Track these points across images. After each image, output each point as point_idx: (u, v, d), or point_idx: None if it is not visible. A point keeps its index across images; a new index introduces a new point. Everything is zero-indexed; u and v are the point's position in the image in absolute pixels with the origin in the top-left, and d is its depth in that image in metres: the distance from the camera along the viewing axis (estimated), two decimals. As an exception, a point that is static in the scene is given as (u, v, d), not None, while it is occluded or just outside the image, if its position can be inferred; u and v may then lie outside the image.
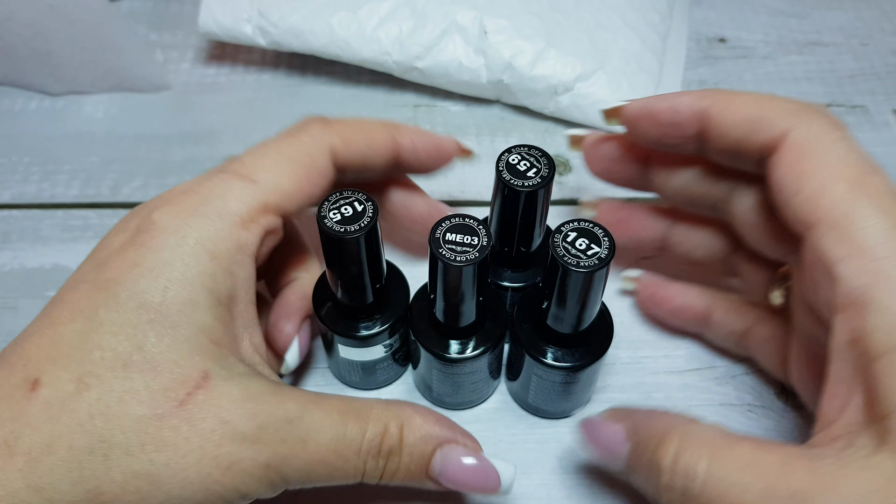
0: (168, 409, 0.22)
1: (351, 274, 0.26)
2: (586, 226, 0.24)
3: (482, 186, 0.41)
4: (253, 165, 0.26)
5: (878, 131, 0.43)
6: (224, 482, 0.22)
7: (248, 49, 0.48)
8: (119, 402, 0.22)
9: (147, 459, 0.21)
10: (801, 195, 0.23)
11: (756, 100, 0.25)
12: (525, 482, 0.30)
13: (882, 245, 0.20)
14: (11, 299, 0.37)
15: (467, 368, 0.29)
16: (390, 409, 0.25)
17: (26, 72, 0.45)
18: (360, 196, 0.25)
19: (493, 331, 0.29)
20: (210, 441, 0.22)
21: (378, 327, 0.29)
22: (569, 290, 0.25)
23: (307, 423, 0.23)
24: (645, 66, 0.43)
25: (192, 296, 0.24)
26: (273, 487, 0.23)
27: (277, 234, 0.27)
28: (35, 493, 0.21)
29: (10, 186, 0.41)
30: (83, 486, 0.21)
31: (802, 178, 0.23)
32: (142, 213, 0.26)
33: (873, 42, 0.49)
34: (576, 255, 0.24)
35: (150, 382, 0.22)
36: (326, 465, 0.23)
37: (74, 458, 0.21)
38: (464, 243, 0.24)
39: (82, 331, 0.23)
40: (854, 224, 0.21)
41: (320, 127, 0.28)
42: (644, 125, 0.28)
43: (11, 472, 0.21)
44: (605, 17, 0.44)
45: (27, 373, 0.22)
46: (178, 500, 0.22)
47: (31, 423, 0.21)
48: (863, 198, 0.21)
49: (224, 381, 0.23)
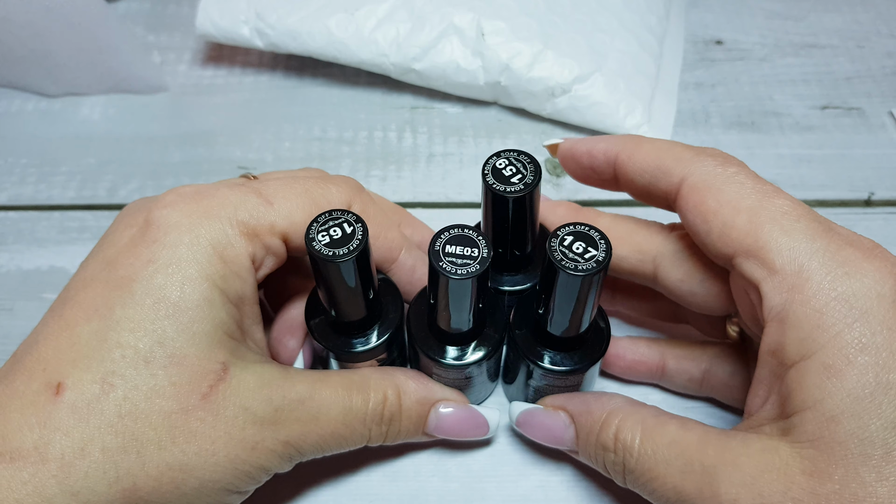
0: (194, 402, 0.23)
1: (342, 295, 0.26)
2: (583, 229, 0.24)
3: (479, 189, 0.41)
4: (274, 190, 0.26)
5: (875, 133, 0.43)
6: (251, 461, 0.24)
7: (246, 51, 0.48)
8: (146, 400, 0.22)
9: (179, 451, 0.23)
10: (712, 234, 0.24)
11: (657, 149, 0.27)
12: (523, 484, 0.30)
13: (790, 263, 0.22)
14: (8, 301, 0.37)
15: (466, 373, 0.29)
16: (385, 378, 0.27)
17: (24, 73, 0.44)
18: (349, 217, 0.25)
19: (492, 335, 0.29)
20: (235, 427, 0.24)
21: (373, 342, 0.28)
22: (566, 294, 0.25)
23: (317, 400, 0.25)
24: (641, 68, 0.43)
25: (207, 293, 0.24)
26: (291, 461, 0.26)
27: (279, 258, 0.27)
28: (71, 497, 0.21)
29: (6, 188, 0.41)
30: (119, 484, 0.22)
31: (708, 218, 0.24)
32: (145, 208, 0.26)
33: (869, 44, 0.49)
34: (573, 258, 0.24)
35: (173, 378, 0.23)
36: (337, 436, 0.26)
37: (109, 458, 0.22)
38: (464, 255, 0.24)
39: (100, 330, 0.23)
40: (763, 249, 0.23)
41: (351, 188, 0.28)
42: (569, 165, 0.30)
43: (46, 478, 0.21)
44: (602, 20, 0.44)
45: (48, 377, 0.22)
46: (210, 482, 0.23)
47: (61, 428, 0.21)
48: (766, 223, 0.23)
49: (241, 370, 0.24)
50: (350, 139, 0.44)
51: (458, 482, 0.30)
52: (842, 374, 0.20)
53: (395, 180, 0.42)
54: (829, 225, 0.23)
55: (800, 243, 0.22)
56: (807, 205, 0.24)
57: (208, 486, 0.23)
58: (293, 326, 0.29)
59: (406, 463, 0.31)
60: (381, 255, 0.28)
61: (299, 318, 0.29)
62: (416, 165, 0.42)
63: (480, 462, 0.31)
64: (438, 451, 0.31)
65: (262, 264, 0.26)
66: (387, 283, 0.30)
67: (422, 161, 0.43)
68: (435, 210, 0.40)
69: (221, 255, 0.25)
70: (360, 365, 0.29)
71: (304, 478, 0.30)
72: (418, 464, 0.31)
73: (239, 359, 0.25)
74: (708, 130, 0.44)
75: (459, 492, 0.30)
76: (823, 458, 0.20)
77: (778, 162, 0.42)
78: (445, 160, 0.43)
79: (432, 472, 0.31)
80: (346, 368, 0.29)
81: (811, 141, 0.43)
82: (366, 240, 0.24)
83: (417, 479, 0.30)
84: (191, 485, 0.23)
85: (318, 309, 0.29)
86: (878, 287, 0.21)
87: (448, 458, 0.31)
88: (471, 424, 0.29)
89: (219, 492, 0.24)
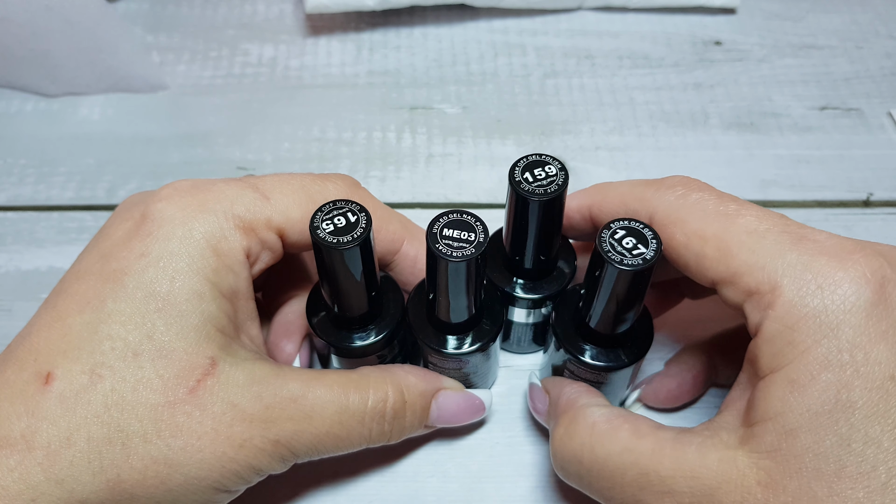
0: (180, 396, 0.23)
1: (346, 285, 0.26)
2: (637, 226, 0.24)
3: (479, 189, 0.41)
4: (272, 186, 0.26)
5: (874, 134, 0.43)
6: (238, 459, 0.24)
7: (245, 51, 0.48)
8: (133, 392, 0.22)
9: (164, 445, 0.22)
10: (690, 267, 0.24)
11: (621, 195, 0.27)
12: (522, 485, 0.30)
13: (763, 283, 0.22)
14: (7, 302, 0.37)
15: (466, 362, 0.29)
16: (385, 375, 0.27)
17: (23, 73, 0.44)
18: (353, 206, 0.25)
19: (489, 325, 0.29)
20: (222, 423, 0.23)
21: (373, 337, 0.28)
22: (613, 289, 0.25)
23: (311, 399, 0.25)
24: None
25: (198, 287, 0.24)
26: (284, 462, 0.25)
27: (275, 253, 0.27)
28: (56, 485, 0.21)
29: (5, 188, 0.41)
30: (104, 475, 0.22)
31: (680, 252, 0.24)
32: (143, 202, 0.26)
33: (868, 45, 0.49)
34: (621, 252, 0.24)
35: (161, 371, 0.23)
36: (332, 437, 0.25)
37: (94, 449, 0.22)
38: (461, 239, 0.24)
39: (91, 322, 0.23)
40: (735, 275, 0.23)
41: (348, 185, 0.28)
42: None
43: (31, 465, 0.21)
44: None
45: (38, 367, 0.23)
46: (195, 479, 0.23)
47: (48, 417, 0.22)
48: (732, 247, 0.23)
49: (231, 366, 0.24)
50: (349, 140, 0.44)
51: (457, 483, 0.30)
52: (804, 390, 0.21)
53: (395, 181, 0.42)
54: (801, 233, 0.23)
55: (769, 261, 0.22)
56: (777, 212, 0.24)
57: (194, 483, 0.23)
58: (290, 329, 0.30)
59: (405, 463, 0.31)
60: (384, 247, 0.29)
61: (296, 320, 0.30)
62: (416, 166, 0.42)
63: (479, 462, 0.31)
64: (437, 451, 0.31)
65: (258, 259, 0.26)
66: (388, 279, 0.30)
67: (421, 161, 0.43)
68: (434, 210, 0.40)
69: (215, 248, 0.25)
70: (361, 361, 0.29)
71: (302, 478, 0.30)
72: (417, 464, 0.31)
73: (230, 354, 0.24)
74: (707, 131, 0.44)
75: (458, 492, 0.30)
76: (779, 470, 0.21)
77: (777, 163, 0.42)
78: (445, 161, 0.43)
79: (431, 473, 0.31)
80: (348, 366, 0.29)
81: (810, 142, 0.43)
82: (370, 227, 0.24)
83: (416, 480, 0.31)
84: (176, 480, 0.23)
85: (319, 305, 0.29)
86: (852, 298, 0.21)
87: (447, 458, 0.31)
88: (469, 409, 0.30)
89: (206, 489, 0.24)
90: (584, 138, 0.43)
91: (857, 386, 0.20)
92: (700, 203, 0.24)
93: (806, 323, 0.21)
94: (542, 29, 0.50)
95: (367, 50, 0.49)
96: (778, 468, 0.21)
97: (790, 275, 0.22)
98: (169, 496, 0.23)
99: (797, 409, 0.21)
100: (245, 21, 0.51)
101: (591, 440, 0.24)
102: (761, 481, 0.21)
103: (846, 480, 0.20)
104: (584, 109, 0.45)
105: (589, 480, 0.24)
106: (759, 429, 0.21)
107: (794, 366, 0.21)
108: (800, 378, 0.21)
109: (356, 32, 0.50)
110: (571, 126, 0.44)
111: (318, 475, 0.30)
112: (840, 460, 0.20)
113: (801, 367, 0.21)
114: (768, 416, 0.21)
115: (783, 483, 0.20)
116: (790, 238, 0.23)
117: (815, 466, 0.20)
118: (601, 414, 0.25)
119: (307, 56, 0.48)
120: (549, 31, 0.50)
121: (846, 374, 0.20)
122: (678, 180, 0.26)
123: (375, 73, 0.47)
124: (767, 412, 0.21)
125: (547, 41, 0.49)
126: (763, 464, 0.21)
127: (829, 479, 0.20)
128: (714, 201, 0.24)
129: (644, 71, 0.47)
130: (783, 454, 0.21)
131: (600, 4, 0.51)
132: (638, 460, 0.23)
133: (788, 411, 0.21)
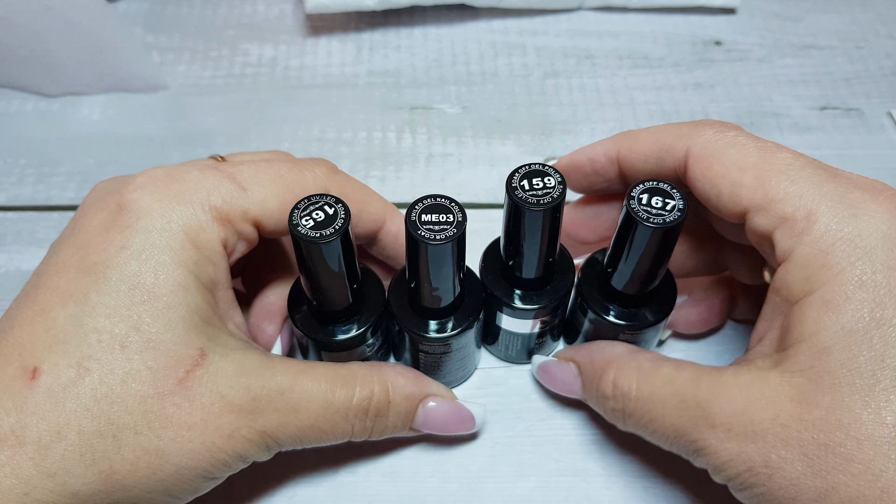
0: (170, 388, 0.23)
1: (328, 279, 0.26)
2: (654, 184, 0.25)
3: (479, 189, 0.41)
4: (249, 176, 0.26)
5: (874, 134, 0.43)
6: (226, 449, 0.24)
7: (245, 51, 0.48)
8: (122, 384, 0.23)
9: (155, 436, 0.23)
10: (722, 196, 0.25)
11: (655, 132, 0.27)
12: (522, 485, 0.30)
13: (799, 210, 0.23)
14: (7, 302, 0.36)
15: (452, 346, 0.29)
16: (374, 373, 0.27)
17: (23, 73, 0.44)
18: (329, 199, 0.25)
19: (472, 306, 0.29)
20: (211, 414, 0.23)
21: (355, 330, 0.29)
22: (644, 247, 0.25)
23: (298, 392, 0.25)
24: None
25: (182, 279, 0.24)
26: (269, 451, 0.26)
27: (250, 243, 0.27)
28: (48, 478, 0.21)
29: (5, 188, 0.41)
30: (96, 467, 0.22)
31: (716, 182, 0.25)
32: (116, 190, 0.26)
33: (868, 45, 0.49)
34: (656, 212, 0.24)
35: (149, 362, 0.23)
36: (317, 430, 0.26)
37: (85, 442, 0.22)
38: (441, 222, 0.24)
39: (75, 315, 0.23)
40: (772, 201, 0.23)
41: (325, 171, 0.28)
42: (572, 177, 0.30)
43: (23, 460, 0.21)
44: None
45: (24, 361, 0.23)
46: (185, 469, 0.23)
47: (37, 412, 0.22)
48: (772, 177, 0.24)
49: (220, 357, 0.24)
50: (349, 140, 0.44)
51: (457, 483, 0.30)
52: (838, 309, 0.21)
53: (395, 181, 0.42)
54: (835, 171, 0.24)
55: (807, 190, 0.23)
56: None
57: (184, 473, 0.23)
58: (271, 312, 0.30)
59: (405, 464, 0.31)
60: (367, 226, 0.29)
61: (277, 303, 0.30)
62: (416, 166, 0.42)
63: (479, 463, 0.31)
64: (437, 451, 0.31)
65: (234, 250, 0.27)
66: (368, 272, 0.30)
67: (421, 162, 0.43)
68: (434, 210, 0.40)
69: (194, 240, 0.25)
70: (344, 355, 0.29)
71: (301, 478, 0.30)
72: (417, 464, 0.31)
73: (218, 345, 0.25)
74: (707, 131, 0.44)
75: (458, 492, 0.30)
76: (812, 387, 0.21)
77: (777, 163, 0.42)
78: (444, 161, 0.43)
79: (431, 473, 0.31)
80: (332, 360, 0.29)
81: (810, 141, 0.43)
82: (348, 219, 0.24)
83: (416, 480, 0.31)
84: (167, 470, 0.23)
85: (300, 300, 0.29)
86: (885, 227, 0.22)
87: (447, 458, 0.31)
88: (457, 420, 0.30)
89: (195, 478, 0.24)
90: (585, 138, 0.43)
91: (890, 304, 0.21)
92: (738, 139, 0.25)
93: (841, 246, 0.22)
94: (542, 29, 0.50)
95: (367, 50, 0.49)
96: (811, 385, 0.21)
97: (826, 203, 0.22)
98: (160, 486, 0.23)
99: (831, 328, 0.21)
100: (245, 21, 0.51)
101: (638, 380, 0.26)
102: (794, 398, 0.21)
103: (881, 393, 0.20)
104: (584, 109, 0.45)
105: (636, 418, 0.26)
106: (793, 350, 0.22)
107: (828, 287, 0.22)
108: (834, 298, 0.21)
109: (356, 32, 0.50)
110: (571, 126, 0.44)
111: (319, 474, 0.31)
112: (874, 374, 0.20)
113: (835, 288, 0.21)
114: (802, 338, 0.22)
115: (816, 399, 0.21)
116: (826, 173, 0.24)
117: (850, 381, 0.21)
118: (646, 357, 0.26)
119: (307, 56, 0.49)
120: (549, 31, 0.50)
121: (880, 293, 0.21)
122: (714, 121, 0.26)
123: (375, 73, 0.48)
124: (802, 334, 0.22)
125: (547, 41, 0.49)
126: (796, 381, 0.21)
127: (864, 392, 0.20)
128: (752, 138, 0.25)
129: (644, 71, 0.47)
130: (816, 371, 0.21)
131: (600, 4, 0.51)
132: (678, 390, 0.24)
133: (822, 330, 0.21)
